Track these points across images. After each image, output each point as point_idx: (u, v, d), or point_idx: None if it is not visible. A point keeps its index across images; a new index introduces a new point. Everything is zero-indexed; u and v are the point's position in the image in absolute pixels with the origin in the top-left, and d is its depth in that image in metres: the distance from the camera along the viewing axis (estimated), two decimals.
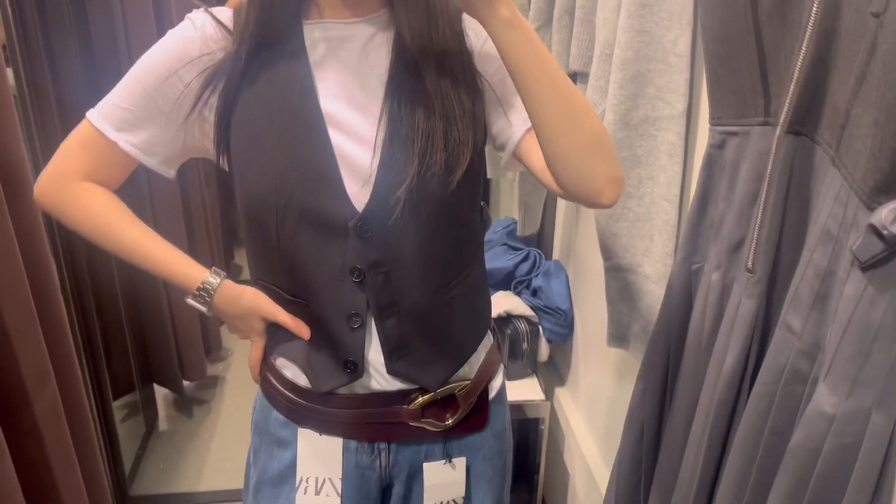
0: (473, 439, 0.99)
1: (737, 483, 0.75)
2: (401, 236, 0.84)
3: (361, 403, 0.92)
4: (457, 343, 0.95)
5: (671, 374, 0.92)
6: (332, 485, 0.96)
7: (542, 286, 1.70)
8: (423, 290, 0.88)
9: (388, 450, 0.97)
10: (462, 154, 0.82)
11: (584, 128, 0.77)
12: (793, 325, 0.68)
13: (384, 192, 0.82)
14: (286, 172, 0.82)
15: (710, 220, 0.83)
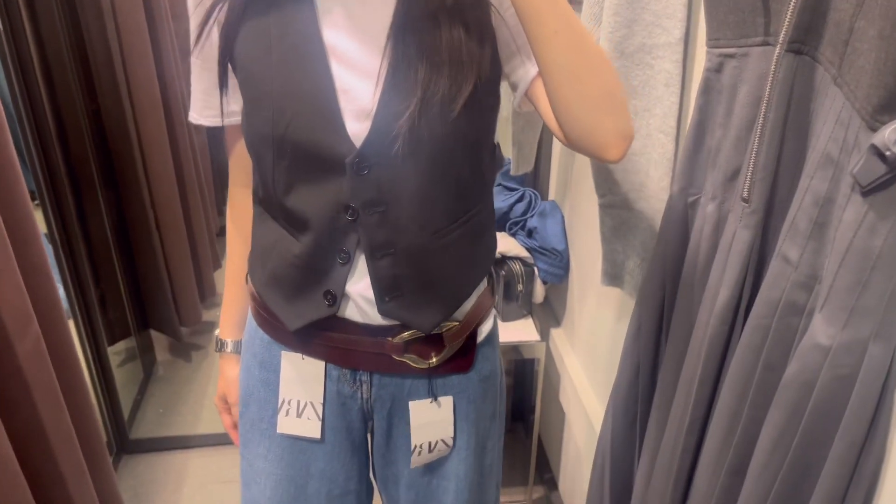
0: (458, 380, 0.97)
1: (728, 420, 0.73)
2: (400, 174, 0.82)
3: (344, 329, 0.92)
4: (453, 287, 0.93)
5: (666, 310, 0.89)
6: (313, 409, 0.98)
7: (538, 227, 1.67)
8: (420, 231, 0.86)
9: (371, 382, 0.96)
10: (465, 81, 0.79)
11: (593, 79, 0.74)
12: (789, 255, 0.65)
13: (385, 125, 0.79)
14: (283, 105, 0.81)
15: (707, 150, 0.79)
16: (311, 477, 1.01)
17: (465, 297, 0.95)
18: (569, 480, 1.76)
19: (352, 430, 1.00)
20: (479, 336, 0.98)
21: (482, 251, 0.96)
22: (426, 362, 0.94)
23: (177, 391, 2.26)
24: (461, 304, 0.94)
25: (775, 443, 0.66)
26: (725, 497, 0.76)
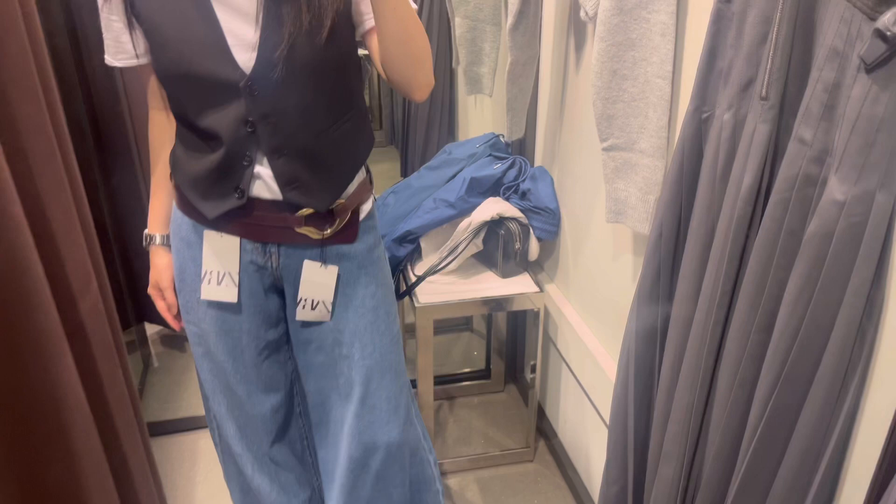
0: (347, 249, 1.23)
1: (756, 284, 0.89)
2: (283, 92, 1.06)
3: (254, 208, 1.16)
4: (338, 174, 1.19)
5: (684, 215, 1.05)
6: (230, 277, 1.22)
7: (531, 188, 1.82)
8: (307, 134, 1.11)
9: (279, 253, 1.21)
10: (325, 16, 1.03)
11: (413, 43, 1.02)
12: (804, 136, 0.81)
13: (266, 55, 1.04)
14: (182, 48, 1.05)
15: (718, 71, 0.95)
16: (241, 332, 1.27)
17: (349, 182, 1.21)
18: (570, 427, 1.90)
19: (266, 294, 1.26)
20: (361, 214, 1.24)
21: (359, 145, 1.22)
22: (321, 233, 1.19)
23: (176, 380, 2.31)
24: (346, 187, 1.21)
25: (800, 290, 0.82)
26: (755, 352, 0.91)
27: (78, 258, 1.17)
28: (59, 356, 1.03)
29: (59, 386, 1.03)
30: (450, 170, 1.96)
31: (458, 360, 2.46)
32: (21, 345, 0.97)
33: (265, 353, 1.30)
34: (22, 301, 0.96)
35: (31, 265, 0.97)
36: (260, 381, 1.31)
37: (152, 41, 1.10)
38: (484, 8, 1.95)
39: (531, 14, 1.66)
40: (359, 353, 1.26)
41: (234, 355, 1.28)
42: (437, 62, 2.58)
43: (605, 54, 1.26)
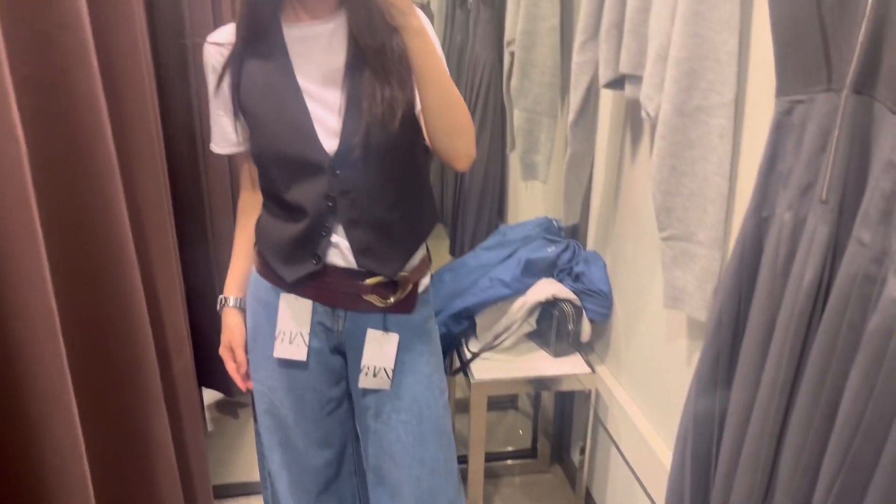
0: (405, 319, 1.35)
1: (819, 373, 0.94)
2: (361, 171, 1.21)
3: (328, 274, 1.29)
4: (405, 245, 1.32)
5: (743, 304, 1.11)
6: (301, 337, 1.33)
7: (584, 271, 1.90)
8: (380, 207, 1.26)
9: (345, 317, 1.33)
10: (395, 107, 1.16)
11: (452, 117, 1.14)
12: (863, 238, 0.88)
13: (348, 140, 1.19)
14: (278, 133, 1.21)
15: (778, 174, 1.04)
16: (305, 389, 1.36)
17: (414, 252, 1.34)
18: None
19: (331, 354, 1.37)
20: (420, 287, 1.37)
21: (424, 219, 1.36)
22: (384, 301, 1.31)
23: (228, 445, 2.37)
24: (411, 257, 1.33)
25: (863, 381, 0.87)
26: (817, 440, 0.96)
27: (176, 322, 1.27)
28: (156, 412, 1.12)
29: (153, 441, 1.11)
30: (504, 250, 2.05)
31: (503, 438, 2.48)
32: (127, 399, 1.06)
33: (327, 409, 1.39)
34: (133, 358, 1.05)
35: (143, 326, 1.07)
36: (318, 436, 1.39)
37: (253, 127, 1.26)
38: (542, 102, 2.08)
39: (590, 111, 1.78)
40: (416, 418, 1.34)
41: (296, 410, 1.37)
42: (492, 147, 2.72)
43: (665, 151, 1.35)
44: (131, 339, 1.04)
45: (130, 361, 1.04)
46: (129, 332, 1.03)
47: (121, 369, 1.03)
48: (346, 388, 1.41)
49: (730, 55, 1.25)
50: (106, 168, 0.98)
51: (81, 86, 0.94)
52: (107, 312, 1.02)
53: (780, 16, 0.98)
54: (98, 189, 0.97)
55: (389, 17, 1.06)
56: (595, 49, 1.66)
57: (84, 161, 0.95)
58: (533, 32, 2.05)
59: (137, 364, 1.05)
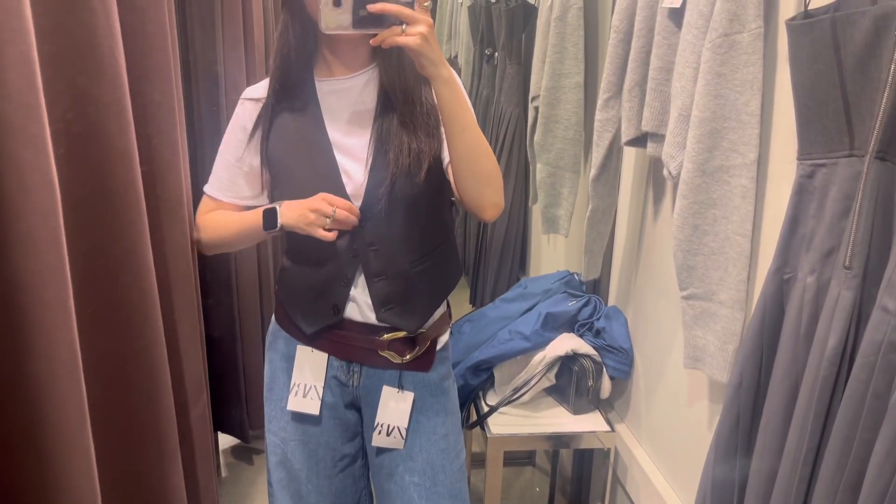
0: (422, 377, 1.33)
1: (843, 443, 0.92)
2: (385, 223, 1.21)
3: (345, 328, 1.29)
4: (428, 299, 1.31)
5: (764, 367, 1.10)
6: (315, 391, 1.32)
7: (605, 327, 1.88)
8: (403, 260, 1.25)
9: (361, 373, 1.32)
10: (422, 159, 1.18)
11: (479, 166, 1.13)
12: (888, 306, 0.87)
13: (373, 191, 1.20)
14: (306, 185, 1.22)
15: (800, 237, 1.03)
16: (319, 444, 1.34)
17: (437, 308, 1.33)
18: None
19: (346, 409, 1.35)
20: (438, 345, 1.35)
21: (447, 275, 1.35)
22: (401, 358, 1.29)
23: (243, 492, 2.35)
24: (434, 312, 1.32)
25: (888, 452, 0.85)
26: None
27: (195, 369, 1.28)
28: (172, 462, 1.12)
29: (168, 489, 1.11)
30: (525, 303, 2.04)
31: (519, 495, 2.43)
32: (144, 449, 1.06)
33: (340, 466, 1.37)
34: (151, 406, 1.06)
35: (163, 374, 1.08)
36: (331, 493, 1.37)
37: (280, 179, 1.28)
38: (565, 157, 2.10)
39: (612, 167, 1.79)
40: (430, 480, 1.31)
41: (309, 465, 1.35)
42: (514, 200, 2.74)
43: (686, 210, 1.35)
44: (151, 387, 1.04)
45: (149, 410, 1.05)
46: (149, 381, 1.04)
47: (139, 418, 1.04)
48: (360, 445, 1.39)
49: (752, 116, 1.26)
50: (134, 216, 1.00)
51: (115, 137, 0.97)
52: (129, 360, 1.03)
53: (802, 80, 0.99)
54: (125, 236, 0.99)
55: (420, 67, 1.08)
56: (618, 107, 1.68)
57: (113, 209, 0.98)
58: (557, 89, 2.09)
59: (155, 413, 1.06)
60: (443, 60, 1.09)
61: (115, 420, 1.00)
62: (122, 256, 0.99)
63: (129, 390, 1.01)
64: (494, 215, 1.19)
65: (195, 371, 1.25)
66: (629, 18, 1.60)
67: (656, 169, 1.72)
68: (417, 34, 1.03)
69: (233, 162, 1.31)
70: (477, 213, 1.18)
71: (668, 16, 1.44)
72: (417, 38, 1.03)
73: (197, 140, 2.03)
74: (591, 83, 2.06)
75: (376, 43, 1.06)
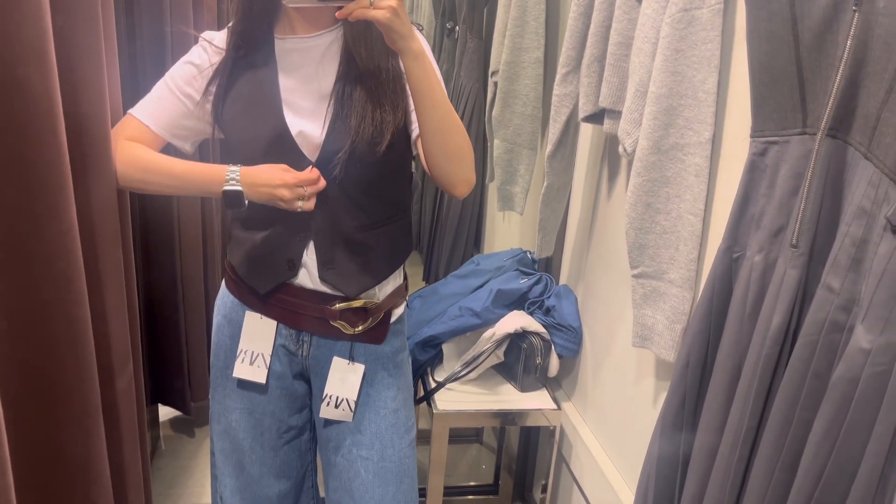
0: (375, 349, 1.29)
1: (782, 423, 0.91)
2: (338, 188, 1.17)
3: (296, 295, 1.24)
4: (372, 268, 1.26)
5: (711, 347, 1.09)
6: (262, 359, 1.27)
7: (555, 305, 1.87)
8: (351, 227, 1.21)
9: (311, 342, 1.27)
10: (385, 130, 1.14)
11: (451, 141, 1.11)
12: (832, 285, 0.86)
13: (330, 155, 1.15)
14: (255, 143, 1.18)
15: (750, 216, 1.02)
16: (264, 414, 1.30)
17: (382, 279, 1.28)
18: None
19: (294, 380, 1.31)
20: (393, 317, 1.31)
21: (398, 247, 1.30)
22: (353, 329, 1.25)
23: (182, 465, 2.29)
24: (378, 282, 1.27)
25: (826, 431, 0.84)
26: (778, 491, 0.92)
27: (122, 337, 1.21)
28: (94, 432, 1.06)
29: (89, 462, 1.05)
30: (477, 280, 2.02)
31: (466, 472, 2.43)
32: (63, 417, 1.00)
33: (286, 438, 1.33)
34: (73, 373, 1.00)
35: (87, 340, 1.02)
36: (275, 465, 1.33)
37: (230, 140, 1.23)
38: (522, 133, 2.07)
39: (569, 144, 1.77)
40: (378, 455, 1.28)
41: (253, 435, 1.31)
42: None
43: (640, 188, 1.34)
44: (70, 350, 0.98)
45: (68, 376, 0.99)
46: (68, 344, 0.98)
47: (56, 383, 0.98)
48: (309, 417, 1.35)
49: (708, 94, 1.24)
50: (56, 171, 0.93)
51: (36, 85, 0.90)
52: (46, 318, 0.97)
53: (759, 56, 0.97)
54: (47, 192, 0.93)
55: (389, 41, 1.03)
56: (576, 82, 1.65)
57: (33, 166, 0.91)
58: (517, 63, 2.05)
59: (76, 379, 1.00)
60: (413, 33, 1.04)
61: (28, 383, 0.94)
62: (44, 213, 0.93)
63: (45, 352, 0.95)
64: (466, 192, 1.17)
65: (121, 338, 1.19)
66: None
67: (612, 146, 1.70)
68: (387, 7, 0.99)
69: (176, 92, 1.22)
70: (448, 189, 1.17)
71: None
72: (387, 12, 0.99)
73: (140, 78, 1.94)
74: (551, 58, 2.03)
75: (343, 15, 1.01)
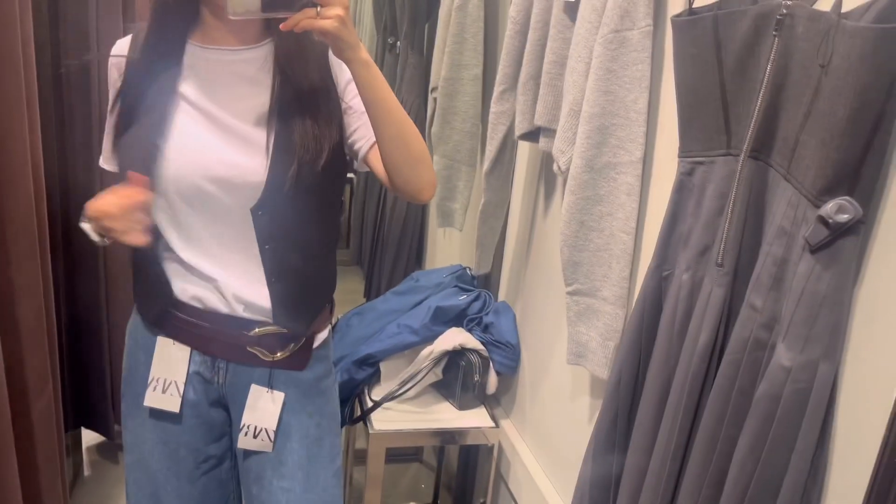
0: (295, 375, 1.22)
1: (709, 440, 0.93)
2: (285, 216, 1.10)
3: (211, 321, 1.16)
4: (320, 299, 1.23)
5: (642, 363, 1.10)
6: (175, 387, 1.20)
7: (493, 322, 1.87)
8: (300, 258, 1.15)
9: (227, 369, 1.20)
10: (323, 145, 1.09)
11: (411, 146, 1.08)
12: (755, 303, 0.88)
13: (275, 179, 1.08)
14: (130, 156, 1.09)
15: (678, 234, 1.03)
16: (179, 444, 1.23)
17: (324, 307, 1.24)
18: None
19: (210, 408, 1.23)
20: (315, 342, 1.24)
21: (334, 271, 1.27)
22: (272, 356, 1.18)
23: (107, 493, 2.19)
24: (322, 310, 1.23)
25: (751, 447, 0.86)
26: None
27: (38, 359, 1.16)
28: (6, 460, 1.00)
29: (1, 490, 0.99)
30: (416, 296, 2.00)
31: (405, 491, 2.39)
32: None
33: (204, 468, 1.26)
34: None
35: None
36: (193, 497, 1.26)
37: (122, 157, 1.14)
38: (462, 150, 2.07)
39: (506, 161, 1.78)
40: (301, 486, 1.23)
41: (168, 465, 1.24)
42: None
43: (574, 206, 1.35)
44: None
45: None
46: None
47: None
48: (228, 445, 1.28)
49: (639, 113, 1.26)
50: None
51: None
52: None
53: (685, 77, 0.99)
54: None
55: (337, 52, 1.00)
56: (513, 100, 1.66)
57: None
58: (456, 80, 2.05)
59: None
60: (360, 43, 1.01)
61: None
62: None
63: None
64: (431, 194, 1.14)
65: (38, 360, 1.13)
66: (526, 10, 1.58)
67: (549, 164, 1.71)
68: (334, 16, 0.95)
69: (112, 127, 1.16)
70: (414, 195, 1.13)
71: (563, 9, 1.43)
72: (334, 21, 0.95)
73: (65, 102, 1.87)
74: (490, 75, 2.04)
75: (288, 27, 0.96)
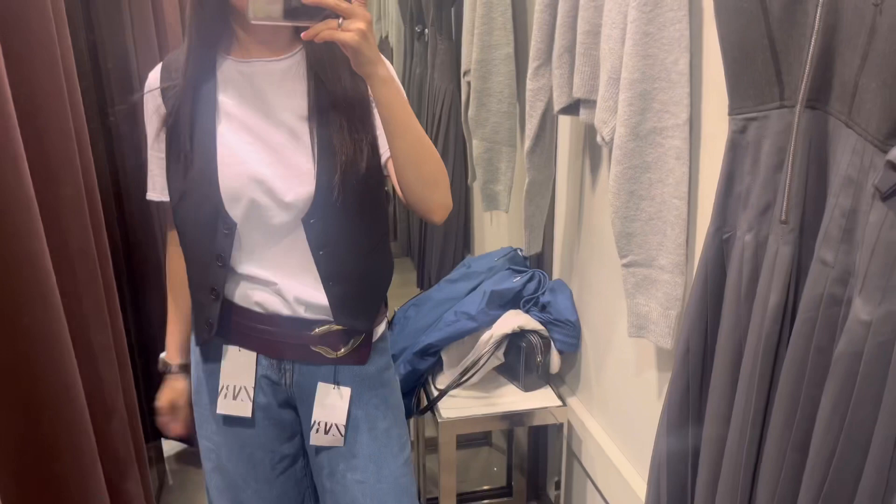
0: (359, 370, 1.25)
1: (789, 402, 0.90)
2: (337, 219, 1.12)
3: (274, 323, 1.20)
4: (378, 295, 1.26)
5: (710, 332, 1.07)
6: (246, 392, 1.24)
7: (551, 301, 1.85)
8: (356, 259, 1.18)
9: (293, 370, 1.24)
10: (362, 146, 1.11)
11: (423, 168, 1.07)
12: (826, 258, 0.84)
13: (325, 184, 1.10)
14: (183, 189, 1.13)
15: (736, 195, 1.00)
16: (255, 447, 1.27)
17: (382, 301, 1.27)
18: None
19: (280, 409, 1.27)
20: (374, 336, 1.27)
21: (389, 265, 1.28)
22: (335, 352, 1.21)
23: (190, 498, 2.26)
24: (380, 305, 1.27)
25: (835, 406, 0.83)
26: (792, 473, 0.91)
27: (111, 375, 1.19)
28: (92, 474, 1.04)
29: None
30: (470, 283, 2.00)
31: (478, 476, 2.40)
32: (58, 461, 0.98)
33: (280, 468, 1.30)
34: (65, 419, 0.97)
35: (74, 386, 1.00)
36: (272, 497, 1.30)
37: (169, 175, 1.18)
38: (500, 131, 2.05)
39: (547, 137, 1.75)
40: (373, 477, 1.25)
41: (246, 469, 1.27)
42: (454, 179, 2.68)
43: (622, 176, 1.32)
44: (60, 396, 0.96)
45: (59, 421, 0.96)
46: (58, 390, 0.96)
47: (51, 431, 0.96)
48: (301, 444, 1.32)
49: (681, 75, 1.23)
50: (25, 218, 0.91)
51: None
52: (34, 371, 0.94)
53: (729, 32, 0.95)
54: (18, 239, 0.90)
55: (356, 66, 0.99)
56: (548, 75, 1.63)
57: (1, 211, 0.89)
58: (488, 61, 2.03)
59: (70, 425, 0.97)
60: (381, 58, 1.00)
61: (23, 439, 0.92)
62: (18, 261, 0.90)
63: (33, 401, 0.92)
64: (443, 216, 1.13)
65: (111, 377, 1.17)
66: None
67: (592, 136, 1.68)
68: (355, 30, 0.94)
69: (158, 153, 1.20)
70: (425, 215, 1.12)
71: None
72: (355, 35, 0.94)
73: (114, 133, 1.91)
74: (522, 53, 2.01)
75: (309, 37, 0.96)
